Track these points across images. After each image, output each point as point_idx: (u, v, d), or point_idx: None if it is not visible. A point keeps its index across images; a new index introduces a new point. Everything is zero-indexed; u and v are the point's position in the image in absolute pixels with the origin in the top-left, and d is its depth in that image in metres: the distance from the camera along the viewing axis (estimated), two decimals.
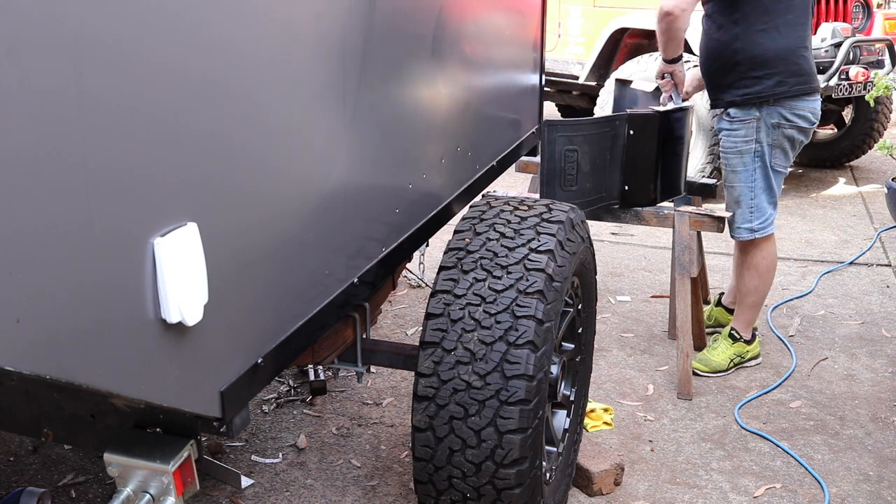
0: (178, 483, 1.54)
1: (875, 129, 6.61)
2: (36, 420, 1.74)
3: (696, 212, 3.19)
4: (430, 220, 2.42)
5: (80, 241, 1.11)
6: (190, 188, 1.33)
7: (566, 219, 2.20)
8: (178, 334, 1.33)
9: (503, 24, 2.99)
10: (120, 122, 1.16)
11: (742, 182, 3.19)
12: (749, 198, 3.20)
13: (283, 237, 1.64)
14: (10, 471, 2.66)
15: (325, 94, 1.75)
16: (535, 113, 3.50)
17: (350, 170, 1.89)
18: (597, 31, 6.46)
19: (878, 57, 5.98)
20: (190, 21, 1.30)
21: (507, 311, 1.96)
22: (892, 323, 3.86)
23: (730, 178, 3.23)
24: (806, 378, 3.34)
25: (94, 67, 1.10)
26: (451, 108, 2.52)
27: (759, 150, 3.14)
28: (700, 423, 2.99)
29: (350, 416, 3.01)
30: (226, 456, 2.75)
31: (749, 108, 3.11)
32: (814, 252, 4.85)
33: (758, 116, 3.10)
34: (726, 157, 3.22)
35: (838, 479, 2.67)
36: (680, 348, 3.15)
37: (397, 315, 3.91)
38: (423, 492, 2.06)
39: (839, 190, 6.34)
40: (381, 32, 1.99)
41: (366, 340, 2.33)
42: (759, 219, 3.21)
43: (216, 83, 1.37)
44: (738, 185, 3.20)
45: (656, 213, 3.25)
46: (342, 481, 2.62)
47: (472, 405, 1.92)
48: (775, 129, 3.11)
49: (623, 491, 2.60)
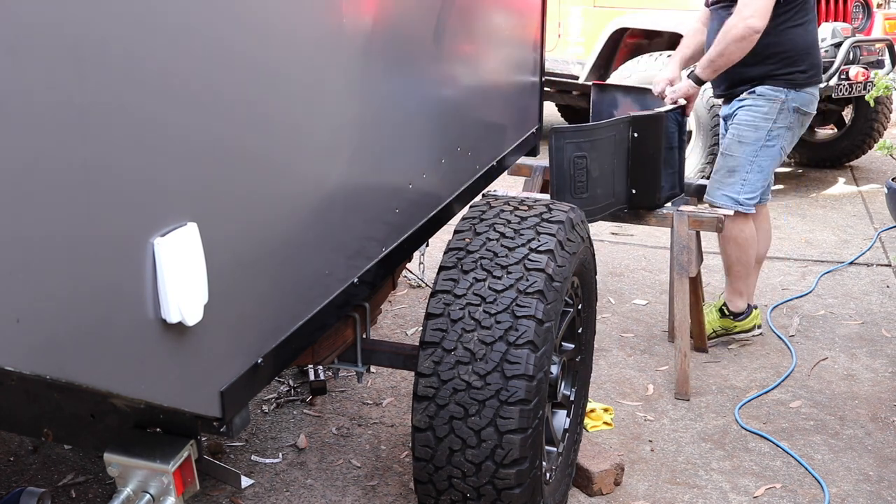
0: (178, 483, 1.54)
1: (875, 129, 6.61)
2: (36, 420, 1.74)
3: (696, 211, 3.19)
4: (430, 220, 2.42)
5: (80, 241, 1.11)
6: (190, 188, 1.33)
7: (566, 219, 2.20)
8: (178, 334, 1.33)
9: (503, 24, 2.99)
10: (120, 122, 1.16)
11: (745, 154, 3.28)
12: (746, 170, 3.29)
13: (283, 237, 1.64)
14: (10, 471, 2.66)
15: (325, 94, 1.75)
16: (535, 113, 3.50)
17: (350, 170, 1.89)
18: (597, 31, 6.46)
19: (878, 57, 5.98)
20: (190, 22, 1.30)
21: (507, 311, 1.96)
22: (892, 323, 3.86)
23: (732, 148, 3.31)
24: (806, 378, 3.34)
25: (95, 68, 1.10)
26: (450, 108, 2.52)
27: (773, 130, 3.25)
28: (700, 423, 2.99)
29: (350, 416, 3.01)
30: (226, 456, 2.75)
31: (779, 88, 3.22)
32: (814, 252, 4.85)
33: (783, 99, 3.22)
34: (738, 128, 3.28)
35: (838, 479, 2.67)
36: (678, 348, 3.15)
37: (397, 315, 3.91)
38: (423, 492, 2.06)
39: (839, 190, 6.34)
40: (381, 32, 1.99)
41: (366, 340, 2.33)
42: (747, 194, 3.31)
43: (216, 83, 1.37)
44: (740, 156, 3.29)
45: (655, 213, 3.25)
46: (342, 481, 2.62)
47: (472, 405, 1.92)
48: (795, 112, 3.25)
49: (623, 491, 2.60)
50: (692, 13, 5.66)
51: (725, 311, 3.57)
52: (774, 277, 4.43)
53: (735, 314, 3.58)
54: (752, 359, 3.49)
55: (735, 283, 3.53)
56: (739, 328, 3.61)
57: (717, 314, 3.59)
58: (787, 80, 3.22)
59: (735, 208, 3.31)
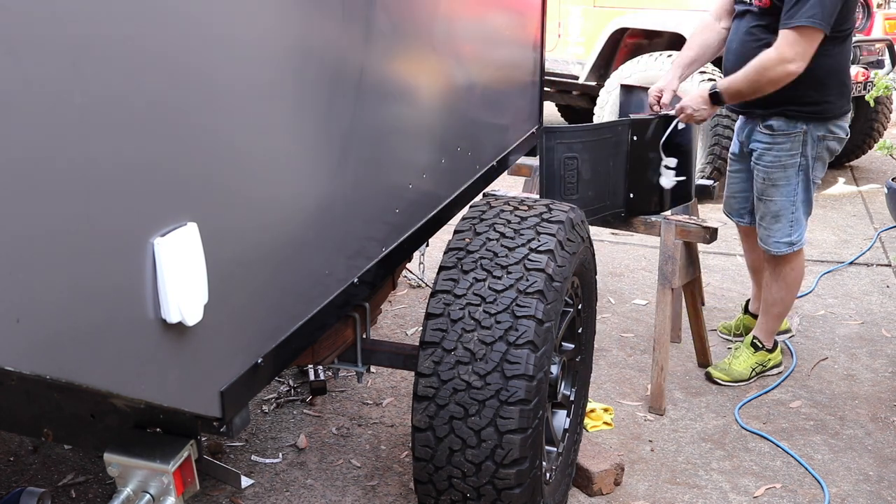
0: (178, 483, 1.54)
1: (875, 129, 6.61)
2: (36, 420, 1.74)
3: (684, 221, 3.04)
4: (430, 220, 2.42)
5: (80, 241, 1.11)
6: (190, 188, 1.33)
7: (566, 219, 2.20)
8: (178, 334, 1.33)
9: (503, 24, 2.99)
10: (120, 121, 1.16)
11: (784, 196, 3.07)
12: (790, 212, 3.09)
13: (283, 237, 1.64)
14: (10, 471, 2.66)
15: (325, 93, 1.75)
16: (535, 113, 3.50)
17: (350, 170, 1.89)
18: (597, 31, 6.46)
19: (878, 57, 5.98)
20: (191, 21, 1.30)
21: (507, 311, 1.96)
22: (892, 323, 3.86)
23: (769, 192, 3.09)
24: (806, 378, 3.34)
25: (95, 67, 1.10)
26: (450, 108, 2.52)
27: (803, 164, 3.03)
28: (700, 423, 2.99)
29: (350, 416, 3.01)
30: (226, 456, 2.75)
31: (797, 121, 2.99)
32: (814, 252, 4.85)
33: (804, 130, 2.99)
34: (767, 172, 3.07)
35: (838, 479, 2.67)
36: (655, 360, 3.04)
37: (397, 315, 3.91)
38: (423, 492, 2.06)
39: (839, 190, 6.34)
40: (381, 32, 1.99)
41: (366, 340, 2.33)
42: (797, 232, 3.12)
43: (216, 83, 1.37)
44: (780, 200, 3.08)
45: (644, 220, 3.14)
46: (342, 481, 2.62)
47: (472, 405, 1.92)
48: (821, 141, 3.02)
49: (623, 491, 2.60)
50: (692, 13, 5.69)
51: (759, 345, 3.32)
52: None
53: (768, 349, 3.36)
54: None
55: (771, 323, 3.33)
56: (773, 361, 3.37)
57: (750, 350, 3.32)
58: (812, 113, 2.97)
59: (791, 251, 3.13)
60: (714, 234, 2.99)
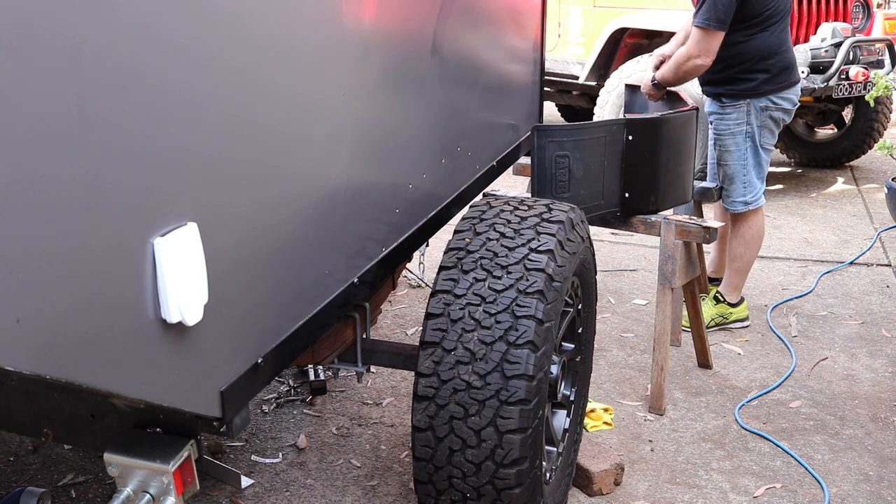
0: (178, 483, 1.54)
1: (875, 129, 6.61)
2: (36, 420, 1.74)
3: (684, 221, 3.04)
4: (430, 220, 2.42)
5: (80, 241, 1.11)
6: (190, 188, 1.33)
7: (566, 219, 2.20)
8: (178, 334, 1.33)
9: (503, 24, 2.99)
10: (120, 122, 1.16)
11: (735, 160, 3.51)
12: (742, 174, 3.51)
13: (284, 237, 1.64)
14: (10, 471, 2.66)
15: (325, 94, 1.75)
16: (535, 113, 3.50)
17: (350, 170, 1.89)
18: (597, 31, 6.46)
19: (878, 57, 5.97)
20: (192, 22, 1.30)
21: (507, 310, 1.96)
22: (892, 323, 3.86)
23: (723, 157, 3.54)
24: (806, 378, 3.34)
25: (95, 67, 1.11)
26: (451, 108, 2.52)
27: (749, 132, 3.48)
28: (700, 423, 2.99)
29: (350, 416, 3.01)
30: (226, 456, 2.75)
31: (738, 97, 3.46)
32: (814, 252, 4.85)
33: (748, 101, 3.45)
34: (720, 138, 3.52)
35: (838, 479, 2.67)
36: (655, 360, 3.05)
37: (397, 315, 3.91)
38: (423, 492, 2.06)
39: (839, 190, 6.34)
40: (381, 33, 1.99)
41: (366, 340, 2.33)
42: (752, 193, 3.54)
43: (216, 83, 1.37)
44: (732, 164, 3.52)
45: (644, 220, 3.14)
46: (342, 481, 2.62)
47: (472, 405, 1.92)
48: (763, 111, 3.47)
49: (623, 491, 2.60)
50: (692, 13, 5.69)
51: (720, 298, 3.68)
52: (774, 277, 4.43)
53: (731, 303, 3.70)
54: (752, 359, 3.49)
55: (733, 278, 3.67)
56: (735, 315, 3.72)
57: (711, 302, 3.68)
58: (745, 90, 3.43)
59: (747, 209, 3.53)
60: (714, 234, 3.00)
